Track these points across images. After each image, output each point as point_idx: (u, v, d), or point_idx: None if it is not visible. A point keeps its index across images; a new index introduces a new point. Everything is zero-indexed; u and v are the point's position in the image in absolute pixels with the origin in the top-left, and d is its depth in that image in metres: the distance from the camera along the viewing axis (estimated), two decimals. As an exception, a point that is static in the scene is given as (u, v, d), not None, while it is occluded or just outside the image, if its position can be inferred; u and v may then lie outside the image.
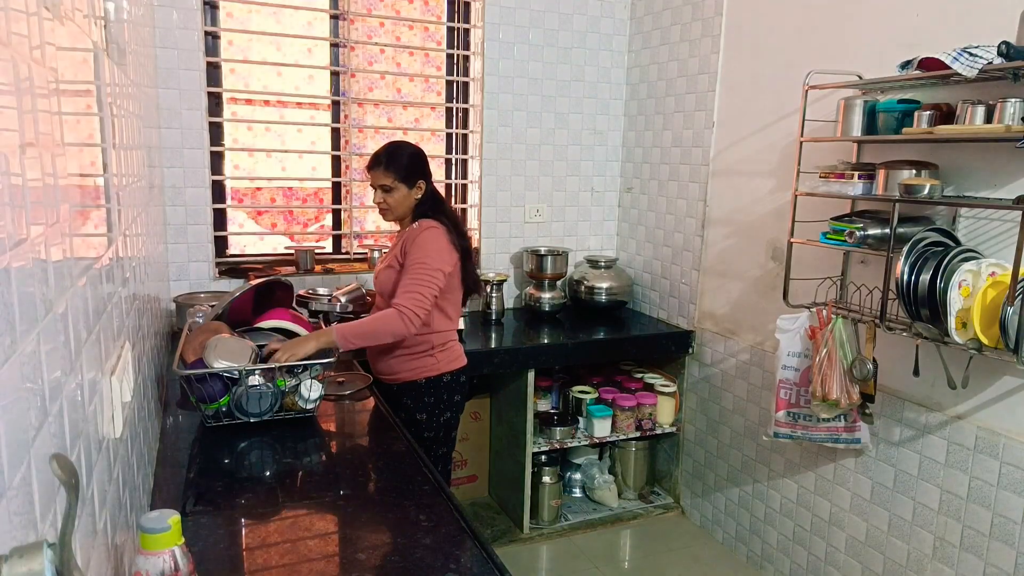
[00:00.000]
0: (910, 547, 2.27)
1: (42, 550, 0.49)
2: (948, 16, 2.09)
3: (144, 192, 1.89)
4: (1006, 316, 1.76)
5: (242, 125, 3.17)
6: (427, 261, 2.16)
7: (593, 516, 3.26)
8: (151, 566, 0.95)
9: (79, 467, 0.76)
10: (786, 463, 2.74)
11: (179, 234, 2.91)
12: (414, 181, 2.26)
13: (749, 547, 2.95)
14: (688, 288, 3.24)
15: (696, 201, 3.16)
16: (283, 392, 1.93)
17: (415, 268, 2.15)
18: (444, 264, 2.19)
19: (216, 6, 2.92)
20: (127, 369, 1.12)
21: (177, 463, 1.72)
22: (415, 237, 2.20)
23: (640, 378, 3.35)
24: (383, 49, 3.31)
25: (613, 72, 3.57)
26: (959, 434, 2.10)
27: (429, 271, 2.15)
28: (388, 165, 2.24)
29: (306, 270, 3.08)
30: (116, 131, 1.27)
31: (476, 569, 1.30)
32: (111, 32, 1.29)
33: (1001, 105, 1.80)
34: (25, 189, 0.60)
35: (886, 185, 2.09)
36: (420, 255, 2.17)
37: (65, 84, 0.81)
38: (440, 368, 2.31)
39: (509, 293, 3.54)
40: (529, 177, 3.51)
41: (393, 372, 2.32)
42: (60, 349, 0.70)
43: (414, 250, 2.18)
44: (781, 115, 2.68)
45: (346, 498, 1.59)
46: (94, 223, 0.98)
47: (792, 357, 2.43)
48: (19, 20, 0.61)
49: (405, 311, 2.10)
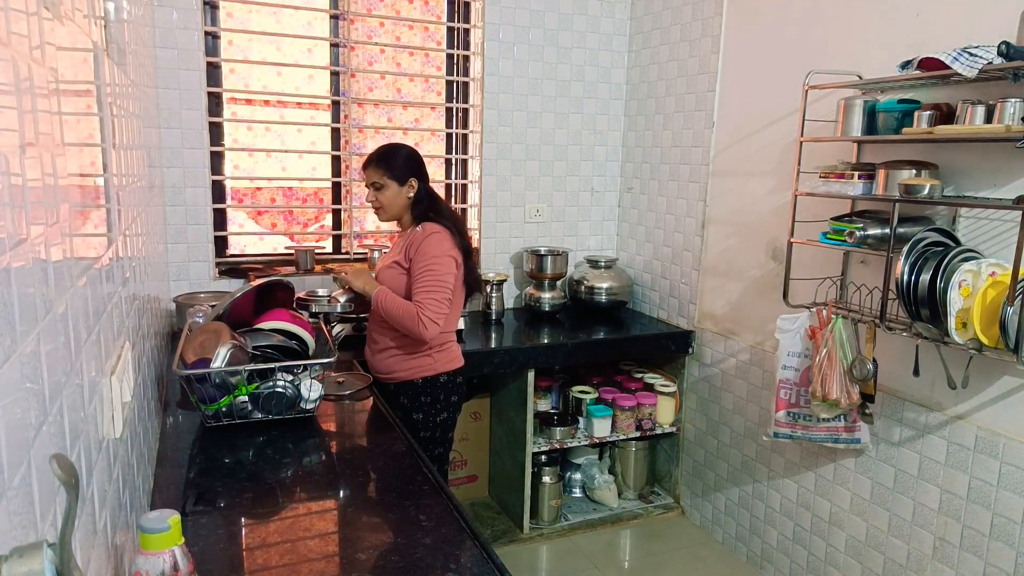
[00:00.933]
0: (910, 547, 2.27)
1: (42, 550, 0.49)
2: (948, 16, 2.09)
3: (144, 192, 1.89)
4: (1006, 316, 1.76)
5: (242, 125, 3.17)
6: (436, 268, 2.20)
7: (593, 516, 3.26)
8: (151, 566, 0.95)
9: (79, 467, 0.76)
10: (786, 463, 2.74)
11: (179, 234, 2.91)
12: (405, 179, 2.27)
13: (749, 547, 2.95)
14: (688, 288, 3.24)
15: (696, 201, 3.16)
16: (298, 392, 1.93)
17: (426, 276, 2.19)
18: (451, 268, 2.24)
19: (216, 6, 2.92)
20: (127, 369, 1.12)
21: (177, 463, 1.72)
22: (420, 242, 2.22)
23: (640, 378, 3.35)
24: (383, 49, 3.31)
25: (613, 72, 3.57)
26: (959, 434, 2.10)
27: (439, 277, 2.20)
28: (379, 162, 2.28)
29: (306, 270, 3.08)
30: (116, 131, 1.27)
31: (476, 569, 1.30)
32: (111, 32, 1.29)
33: (1001, 105, 1.80)
34: (25, 189, 0.60)
35: (886, 185, 2.09)
36: (429, 262, 2.20)
37: (65, 84, 0.81)
38: (437, 368, 2.31)
39: (509, 293, 3.54)
40: (529, 177, 3.51)
41: (390, 371, 2.32)
42: (60, 349, 0.70)
43: (421, 256, 2.21)
44: (781, 115, 2.68)
45: (346, 498, 1.59)
46: (94, 223, 0.98)
47: (792, 357, 2.43)
48: (19, 20, 0.61)
49: (424, 317, 2.17)
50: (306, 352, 2.17)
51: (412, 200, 2.30)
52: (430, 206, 2.31)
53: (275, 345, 2.12)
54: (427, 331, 2.18)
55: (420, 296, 2.19)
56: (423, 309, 2.17)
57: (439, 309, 2.19)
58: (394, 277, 2.28)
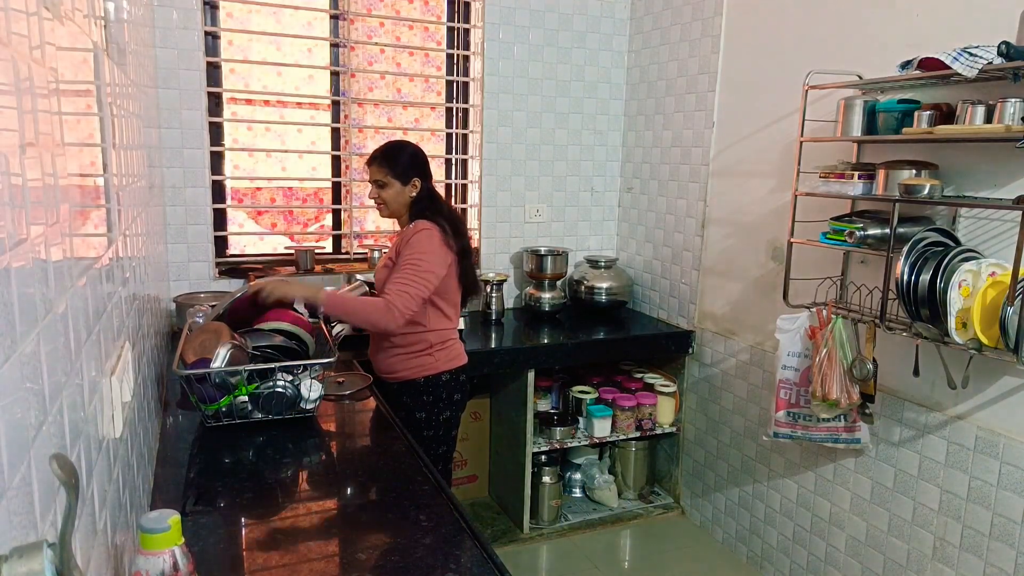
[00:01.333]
0: (910, 547, 2.27)
1: (42, 550, 0.49)
2: (948, 16, 2.09)
3: (144, 192, 1.89)
4: (1006, 316, 1.76)
5: (242, 125, 3.17)
6: (418, 262, 2.16)
7: (593, 516, 3.26)
8: (151, 566, 0.95)
9: (79, 467, 0.76)
10: (786, 463, 2.74)
11: (179, 234, 2.91)
12: (409, 178, 2.26)
13: (749, 547, 2.95)
14: (688, 288, 3.24)
15: (696, 201, 3.16)
16: (298, 392, 1.93)
17: (406, 267, 2.16)
18: (436, 266, 2.18)
19: (216, 6, 2.92)
20: (127, 369, 1.12)
21: (177, 463, 1.72)
22: (409, 238, 2.21)
23: (640, 378, 3.35)
24: (383, 49, 3.31)
25: (613, 72, 3.57)
26: (959, 434, 2.10)
27: (420, 271, 2.15)
28: (383, 161, 2.26)
29: (306, 270, 3.08)
30: (116, 131, 1.27)
31: (476, 569, 1.30)
32: (111, 32, 1.29)
33: (1001, 105, 1.80)
34: (25, 189, 0.60)
35: (886, 185, 2.09)
36: (412, 255, 2.17)
37: (65, 84, 0.81)
38: (439, 367, 2.31)
39: (509, 293, 3.54)
40: (529, 177, 3.51)
41: (393, 371, 2.32)
42: (60, 349, 0.70)
43: (406, 250, 2.19)
44: (781, 115, 2.68)
45: (346, 498, 1.59)
46: (94, 223, 0.98)
47: (792, 357, 2.43)
48: (19, 20, 0.61)
49: (392, 306, 2.10)
50: (306, 352, 2.17)
51: (414, 199, 2.30)
52: (429, 205, 2.31)
53: (275, 345, 2.12)
54: (394, 321, 2.10)
55: (393, 287, 2.12)
56: (392, 300, 2.09)
57: (407, 301, 2.11)
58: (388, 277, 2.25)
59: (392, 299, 2.10)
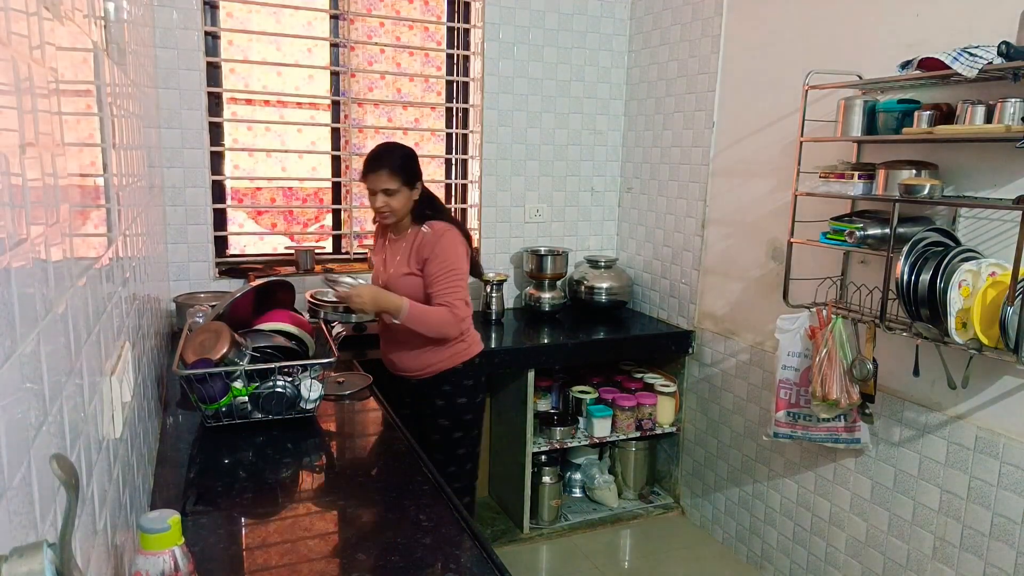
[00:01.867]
0: (910, 547, 2.27)
1: (42, 550, 0.49)
2: (948, 16, 2.09)
3: (144, 192, 1.89)
4: (1006, 316, 1.76)
5: (242, 125, 3.17)
6: (456, 266, 2.24)
7: (593, 516, 3.26)
8: (151, 566, 0.95)
9: (79, 467, 0.76)
10: (786, 463, 2.74)
11: (179, 234, 2.91)
12: (415, 182, 2.27)
13: (749, 547, 2.95)
14: (688, 288, 3.24)
15: (696, 201, 3.16)
16: (297, 392, 1.93)
17: (450, 275, 2.23)
18: (466, 264, 2.31)
19: (216, 6, 2.92)
20: (127, 369, 1.12)
21: (177, 463, 1.72)
22: (433, 244, 2.23)
23: (640, 378, 3.35)
24: (383, 49, 3.31)
25: (613, 72, 3.57)
26: (959, 434, 2.10)
27: (460, 275, 2.26)
28: (392, 168, 2.20)
29: (306, 270, 3.08)
30: (116, 131, 1.27)
31: (476, 569, 1.30)
32: (111, 32, 1.29)
33: (1001, 105, 1.80)
34: (25, 189, 0.60)
35: (886, 185, 2.09)
36: (448, 261, 2.23)
37: (65, 84, 0.81)
38: (472, 351, 2.39)
39: (509, 293, 3.54)
40: (529, 177, 3.51)
41: (427, 365, 2.34)
42: (60, 349, 0.70)
43: (439, 256, 2.23)
44: (781, 115, 2.68)
45: (346, 498, 1.59)
46: (94, 223, 0.98)
47: (792, 357, 2.43)
48: (19, 20, 0.61)
49: (456, 315, 2.22)
50: (306, 352, 2.17)
51: (416, 201, 2.30)
52: (429, 205, 2.31)
53: (275, 345, 2.11)
54: (457, 329, 2.26)
55: (448, 297, 2.22)
56: (455, 309, 2.22)
57: (465, 310, 2.27)
58: (413, 285, 2.27)
59: (455, 309, 2.22)
